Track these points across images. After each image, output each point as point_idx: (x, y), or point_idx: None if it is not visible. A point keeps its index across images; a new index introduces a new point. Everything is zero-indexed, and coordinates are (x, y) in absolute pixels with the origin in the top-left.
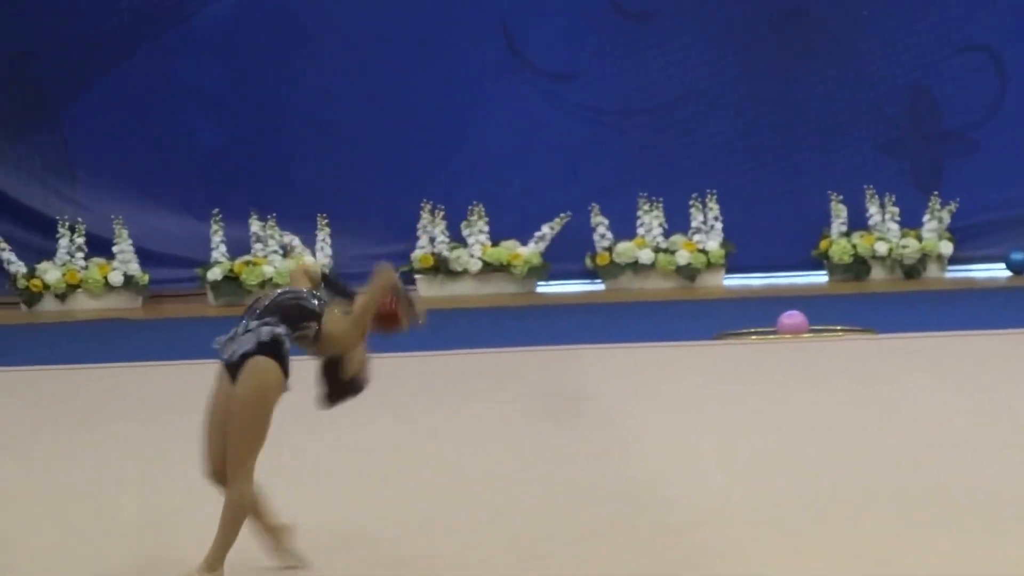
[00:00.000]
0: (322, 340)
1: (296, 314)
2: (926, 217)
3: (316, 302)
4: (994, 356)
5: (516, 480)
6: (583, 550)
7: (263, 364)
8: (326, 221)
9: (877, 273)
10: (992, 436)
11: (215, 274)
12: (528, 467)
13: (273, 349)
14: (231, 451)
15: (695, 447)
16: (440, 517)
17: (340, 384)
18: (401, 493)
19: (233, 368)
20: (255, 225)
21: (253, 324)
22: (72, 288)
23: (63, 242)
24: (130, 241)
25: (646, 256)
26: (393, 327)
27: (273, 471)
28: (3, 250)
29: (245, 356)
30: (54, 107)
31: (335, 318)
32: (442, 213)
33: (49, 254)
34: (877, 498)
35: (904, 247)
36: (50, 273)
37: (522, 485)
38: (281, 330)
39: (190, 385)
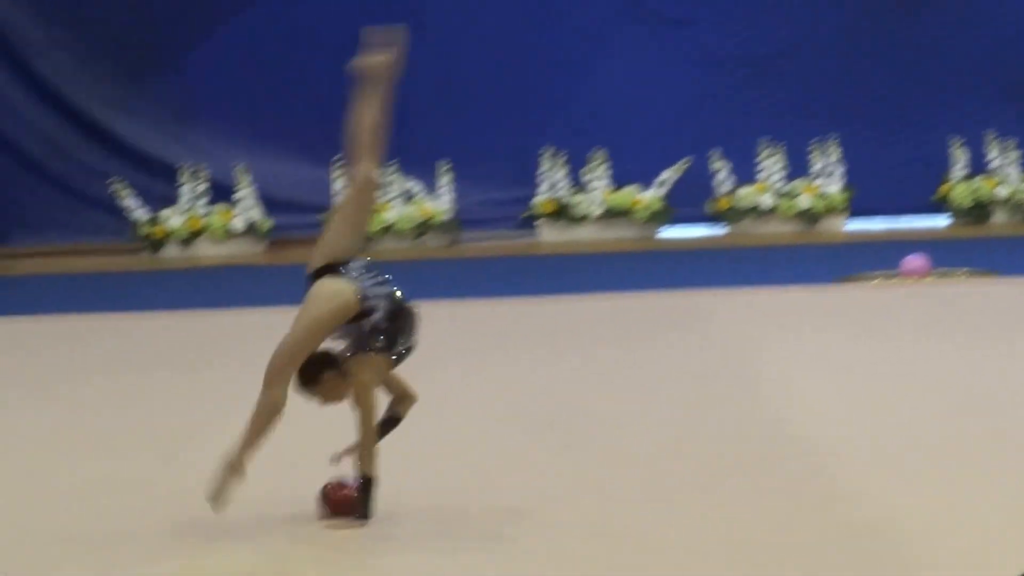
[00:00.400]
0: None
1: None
2: None
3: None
4: None
5: (640, 423)
6: (709, 491)
7: (334, 285)
8: (448, 167)
9: (998, 217)
10: None
11: None
12: (653, 411)
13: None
14: (276, 354)
15: (819, 391)
16: (581, 459)
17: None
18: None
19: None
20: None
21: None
22: (195, 234)
23: (185, 189)
24: (252, 187)
25: (767, 201)
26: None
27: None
28: (126, 197)
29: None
30: (175, 54)
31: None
32: (564, 159)
33: (171, 201)
34: (1001, 443)
35: None
36: (173, 220)
37: (648, 428)
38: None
39: None
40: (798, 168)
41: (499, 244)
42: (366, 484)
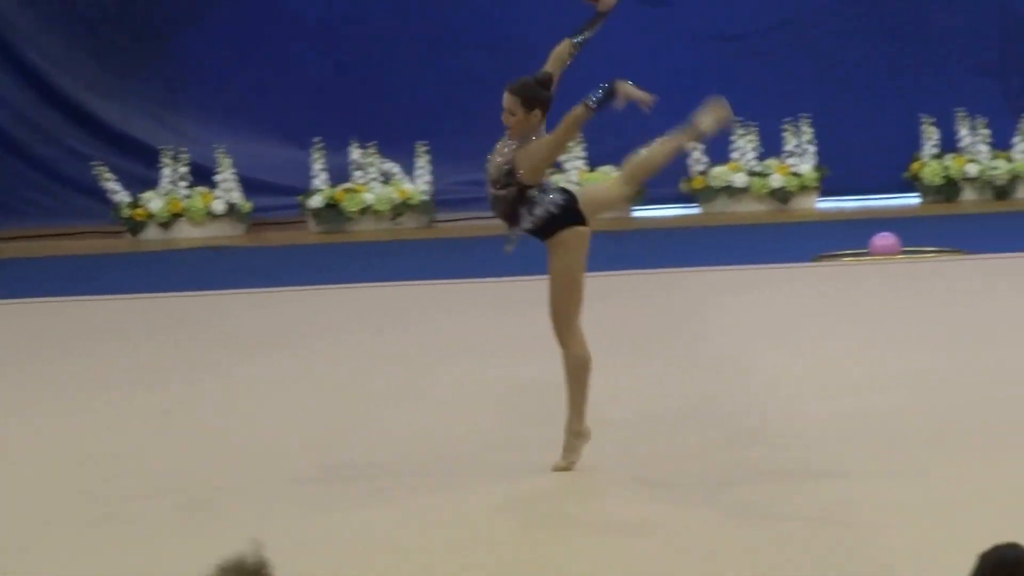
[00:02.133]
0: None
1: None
2: (1016, 138)
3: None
4: None
5: (614, 401)
6: (683, 468)
7: (566, 235)
8: (425, 148)
9: (968, 195)
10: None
11: (316, 201)
12: (625, 390)
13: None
14: (556, 315)
15: (793, 368)
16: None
17: None
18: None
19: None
20: (355, 153)
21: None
22: (175, 217)
23: (166, 171)
24: (233, 170)
25: (740, 180)
26: None
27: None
28: (108, 180)
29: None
30: (160, 39)
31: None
32: None
33: (152, 184)
34: (972, 419)
35: (995, 169)
36: (153, 202)
37: (620, 407)
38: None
39: (292, 312)
40: (771, 147)
41: (476, 224)
42: None
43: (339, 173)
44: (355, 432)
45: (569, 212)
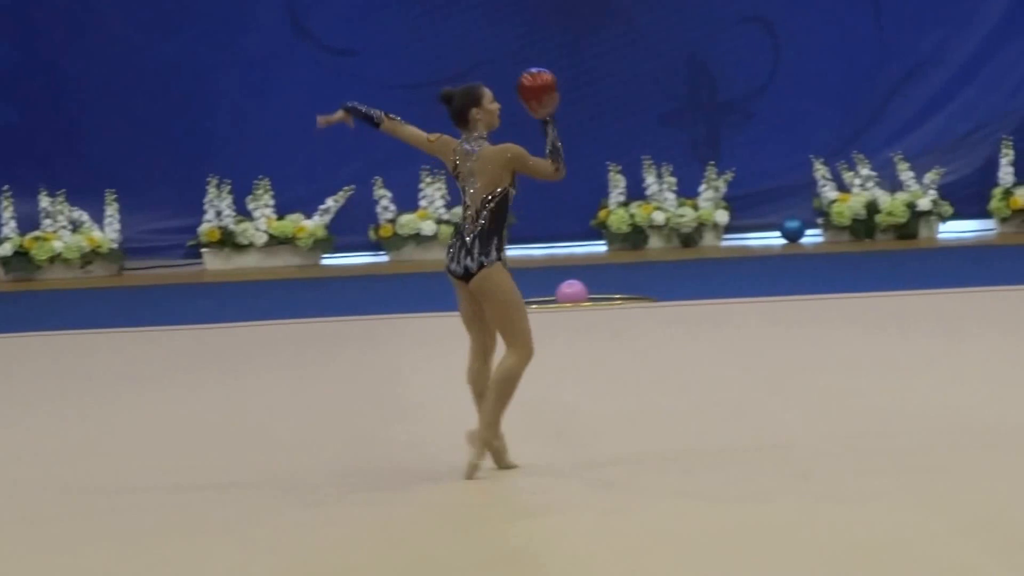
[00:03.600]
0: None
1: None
2: (703, 187)
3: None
4: (769, 322)
5: (318, 445)
6: (348, 516)
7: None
8: (114, 196)
9: (655, 242)
10: (766, 398)
11: (5, 249)
12: (329, 432)
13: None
14: (506, 329)
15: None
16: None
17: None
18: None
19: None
20: (44, 201)
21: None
22: None
23: None
24: None
25: (428, 227)
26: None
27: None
28: None
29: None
30: None
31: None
32: (228, 187)
33: None
34: (672, 458)
35: (681, 216)
36: None
37: (320, 451)
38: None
39: None
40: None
41: (165, 272)
42: None
43: (28, 221)
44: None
45: None
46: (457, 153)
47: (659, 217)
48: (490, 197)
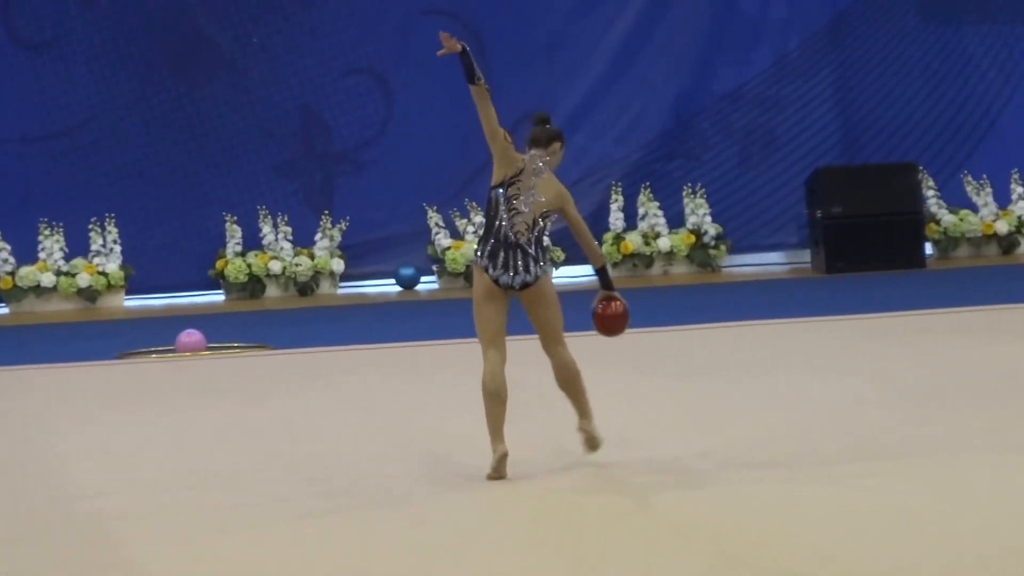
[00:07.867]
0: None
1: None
2: (318, 235)
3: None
4: (385, 369)
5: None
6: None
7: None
8: None
9: (272, 291)
10: (384, 446)
11: None
12: None
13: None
14: (557, 327)
15: (90, 462)
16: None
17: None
18: None
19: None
20: None
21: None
22: None
23: None
24: None
25: (48, 279)
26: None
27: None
28: None
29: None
30: None
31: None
32: None
33: None
34: (306, 509)
35: (298, 265)
36: None
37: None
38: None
39: None
40: (78, 247)
41: None
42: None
43: None
44: None
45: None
46: (526, 163)
47: (276, 266)
48: (547, 211)
